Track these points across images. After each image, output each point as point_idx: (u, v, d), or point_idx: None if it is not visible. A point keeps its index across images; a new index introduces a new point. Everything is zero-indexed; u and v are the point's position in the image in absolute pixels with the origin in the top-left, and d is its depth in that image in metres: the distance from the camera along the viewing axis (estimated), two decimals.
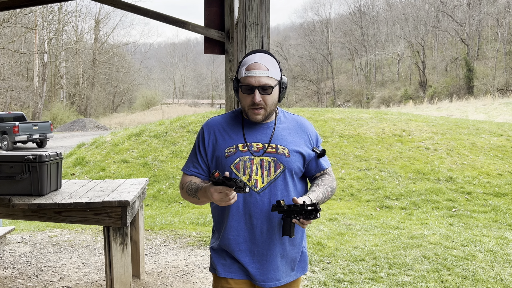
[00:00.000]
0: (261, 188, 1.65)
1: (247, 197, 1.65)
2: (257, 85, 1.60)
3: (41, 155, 3.05)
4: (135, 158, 9.58)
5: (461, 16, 42.34)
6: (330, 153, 9.36)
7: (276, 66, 1.66)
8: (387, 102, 39.93)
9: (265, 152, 1.66)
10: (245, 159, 1.65)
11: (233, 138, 1.69)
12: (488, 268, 3.95)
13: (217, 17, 4.39)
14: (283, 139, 1.70)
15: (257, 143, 1.68)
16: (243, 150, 1.66)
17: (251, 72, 1.61)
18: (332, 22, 54.47)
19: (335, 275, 3.79)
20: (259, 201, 1.65)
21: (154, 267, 4.09)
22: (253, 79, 1.60)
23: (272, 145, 1.68)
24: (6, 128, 17.48)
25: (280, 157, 1.67)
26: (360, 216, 6.32)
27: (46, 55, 34.64)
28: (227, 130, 1.72)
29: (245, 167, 1.65)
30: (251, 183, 1.65)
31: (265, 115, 1.66)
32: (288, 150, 1.68)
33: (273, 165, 1.66)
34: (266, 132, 1.70)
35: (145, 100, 43.31)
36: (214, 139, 1.72)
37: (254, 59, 1.63)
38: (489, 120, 16.97)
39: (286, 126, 1.74)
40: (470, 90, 36.88)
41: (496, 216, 6.41)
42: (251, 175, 1.65)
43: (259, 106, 1.63)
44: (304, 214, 1.49)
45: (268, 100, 1.64)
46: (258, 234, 1.67)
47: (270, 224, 1.66)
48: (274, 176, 1.66)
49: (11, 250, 4.58)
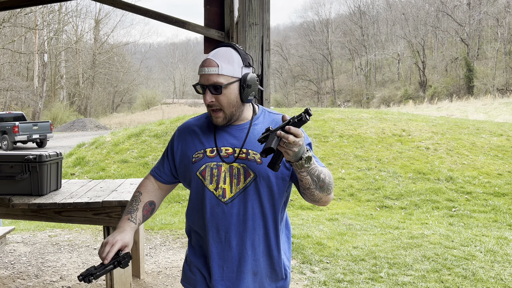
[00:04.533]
0: (229, 198, 1.46)
1: (214, 208, 1.47)
2: (206, 84, 1.44)
3: (41, 155, 3.05)
4: (135, 158, 9.58)
5: (461, 16, 42.34)
6: (330, 153, 9.36)
7: (234, 62, 1.44)
8: (387, 102, 39.93)
9: (236, 158, 1.47)
10: (212, 166, 1.48)
11: (203, 142, 1.53)
12: (488, 268, 3.95)
13: (217, 17, 4.39)
14: (256, 143, 1.48)
15: (226, 148, 1.49)
16: (210, 155, 1.49)
17: (202, 70, 1.45)
18: (332, 22, 54.45)
19: (335, 275, 3.79)
20: (227, 212, 1.46)
21: (154, 267, 4.09)
22: (203, 77, 1.45)
23: (243, 150, 1.48)
24: (6, 128, 17.48)
25: (250, 163, 1.46)
26: (360, 216, 6.32)
27: (46, 55, 34.65)
28: (198, 133, 1.56)
29: (212, 175, 1.47)
30: (218, 193, 1.47)
31: (226, 118, 1.47)
32: (259, 156, 1.45)
33: (243, 172, 1.46)
34: (239, 136, 1.51)
35: (145, 100, 43.30)
36: (184, 143, 1.57)
37: (208, 55, 1.47)
38: (489, 120, 16.97)
39: (263, 127, 1.52)
40: (470, 90, 36.87)
41: (496, 216, 6.41)
42: (218, 184, 1.47)
43: (213, 108, 1.46)
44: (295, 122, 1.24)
45: (222, 101, 1.44)
46: (226, 249, 1.49)
47: (240, 238, 1.48)
48: (244, 185, 1.46)
49: (11, 250, 4.58)
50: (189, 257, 1.60)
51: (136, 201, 1.59)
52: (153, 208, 1.62)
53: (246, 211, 1.46)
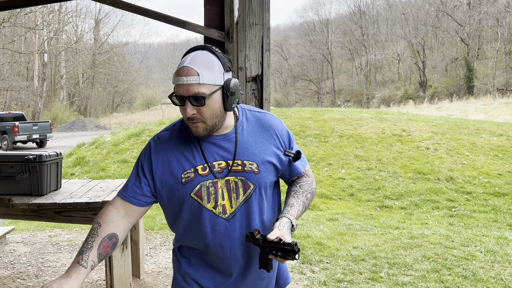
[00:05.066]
0: (231, 214, 1.39)
1: (215, 227, 1.39)
2: (186, 95, 1.28)
3: (41, 155, 3.05)
4: (135, 158, 9.58)
5: (461, 16, 42.34)
6: (330, 153, 9.36)
7: (214, 68, 1.29)
8: (387, 102, 39.94)
9: (230, 172, 1.38)
10: (207, 184, 1.37)
11: (189, 160, 1.38)
12: (488, 268, 3.95)
13: (217, 17, 4.39)
14: (249, 151, 1.40)
15: (219, 162, 1.38)
16: (203, 173, 1.37)
17: (179, 80, 1.28)
18: (332, 22, 54.46)
19: (335, 275, 3.79)
20: (230, 228, 1.39)
21: (154, 267, 4.09)
22: (181, 88, 1.28)
23: (237, 162, 1.38)
24: (6, 128, 17.49)
25: (249, 175, 1.39)
26: (360, 216, 6.32)
27: (46, 55, 34.66)
28: (180, 149, 1.40)
29: (209, 193, 1.37)
30: (218, 210, 1.38)
31: (207, 129, 1.34)
32: (257, 165, 1.39)
33: (242, 185, 1.38)
34: (227, 146, 1.40)
35: (145, 100, 43.32)
36: (166, 162, 1.40)
37: (184, 62, 1.29)
38: (489, 120, 16.97)
39: (250, 130, 1.43)
40: (470, 90, 36.88)
41: (496, 216, 6.41)
42: (217, 201, 1.38)
43: (194, 121, 1.32)
44: (281, 253, 1.30)
45: (205, 113, 1.30)
46: (233, 263, 1.44)
47: (245, 250, 1.43)
48: (244, 198, 1.39)
49: (11, 250, 4.58)
50: (182, 268, 1.51)
51: (92, 237, 1.36)
52: (114, 242, 1.38)
53: (249, 223, 1.41)
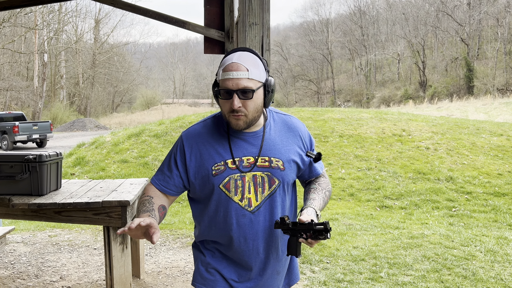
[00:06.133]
0: (256, 207, 1.48)
1: (240, 219, 1.48)
2: (235, 89, 1.38)
3: (41, 155, 3.05)
4: (135, 158, 9.58)
5: (461, 16, 42.34)
6: (330, 153, 9.36)
7: (259, 66, 1.43)
8: (387, 102, 39.94)
9: (255, 166, 1.48)
10: (236, 177, 1.46)
11: (220, 153, 1.48)
12: (488, 268, 3.95)
13: (217, 17, 4.39)
14: (276, 149, 1.51)
15: (248, 157, 1.48)
16: (232, 167, 1.47)
17: (229, 74, 1.39)
18: (332, 22, 54.47)
19: (335, 275, 3.79)
20: (254, 221, 1.48)
21: (154, 267, 4.09)
22: (230, 81, 1.38)
23: (265, 158, 1.48)
24: (6, 128, 17.49)
25: (275, 171, 1.49)
26: (360, 216, 6.32)
27: (46, 55, 34.65)
28: (211, 142, 1.50)
29: (237, 186, 1.46)
30: (244, 203, 1.47)
31: (247, 122, 1.44)
32: (282, 162, 1.50)
33: (267, 180, 1.48)
34: (255, 143, 1.50)
35: (145, 100, 43.32)
36: (198, 154, 1.50)
37: (232, 59, 1.41)
38: (489, 120, 16.97)
39: (277, 130, 1.55)
40: (470, 90, 36.88)
41: (496, 216, 6.41)
42: (244, 194, 1.47)
43: (238, 114, 1.41)
44: (313, 234, 1.36)
45: (250, 106, 1.41)
46: (254, 256, 1.52)
47: (266, 244, 1.52)
48: (269, 192, 1.49)
49: (11, 250, 4.58)
50: (205, 260, 1.58)
51: (149, 204, 1.47)
52: (164, 213, 1.52)
53: (272, 216, 1.50)
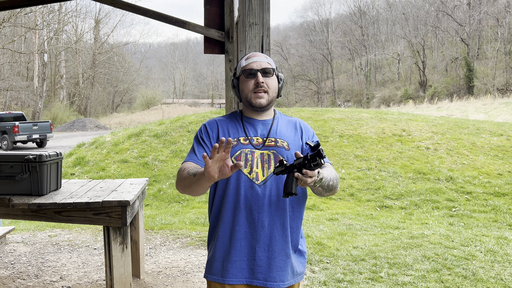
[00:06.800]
0: (262, 181, 1.64)
1: (248, 190, 1.63)
2: (258, 68, 1.67)
3: (41, 155, 3.05)
4: (135, 158, 9.58)
5: (461, 15, 42.32)
6: (330, 153, 9.36)
7: (272, 61, 1.74)
8: (387, 102, 39.92)
9: (263, 146, 1.68)
10: (246, 151, 1.66)
11: (234, 133, 1.71)
12: (488, 268, 3.95)
13: (217, 17, 4.39)
14: (282, 133, 1.72)
15: (257, 137, 1.70)
16: (244, 142, 1.68)
17: (252, 59, 1.69)
18: (332, 22, 54.45)
19: (335, 275, 3.79)
20: (261, 194, 1.63)
21: (154, 267, 4.09)
22: (254, 63, 1.68)
23: (271, 139, 1.69)
24: (6, 128, 17.48)
25: (280, 149, 1.67)
26: (360, 216, 6.32)
27: (46, 55, 34.65)
28: (228, 126, 1.74)
29: (247, 159, 1.65)
30: (252, 176, 1.64)
31: (268, 100, 1.69)
32: (287, 144, 1.69)
33: (273, 158, 1.66)
34: (265, 128, 1.72)
35: (145, 100, 43.29)
36: (217, 132, 1.73)
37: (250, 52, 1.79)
38: (489, 120, 16.97)
39: (283, 124, 1.76)
40: (470, 90, 36.87)
41: (496, 216, 6.41)
42: (252, 168, 1.64)
43: (262, 89, 1.67)
44: (307, 163, 1.41)
45: (270, 84, 1.69)
46: (259, 229, 1.62)
47: (271, 218, 1.63)
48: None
49: (11, 250, 4.58)
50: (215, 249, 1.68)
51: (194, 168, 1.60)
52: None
53: (278, 192, 1.64)
